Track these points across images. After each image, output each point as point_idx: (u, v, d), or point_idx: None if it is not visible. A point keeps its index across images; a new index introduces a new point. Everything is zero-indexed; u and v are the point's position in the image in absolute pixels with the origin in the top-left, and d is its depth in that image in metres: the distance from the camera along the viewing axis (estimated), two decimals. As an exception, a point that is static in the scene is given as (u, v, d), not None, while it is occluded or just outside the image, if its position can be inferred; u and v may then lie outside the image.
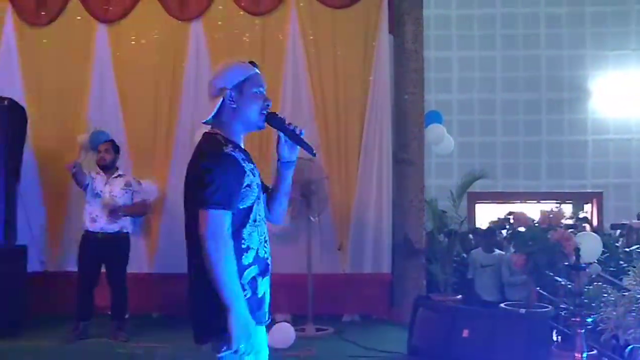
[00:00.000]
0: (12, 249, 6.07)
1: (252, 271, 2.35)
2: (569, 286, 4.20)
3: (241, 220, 2.33)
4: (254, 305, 2.35)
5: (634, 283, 2.80)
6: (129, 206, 5.81)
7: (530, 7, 9.87)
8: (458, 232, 7.02)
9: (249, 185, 2.35)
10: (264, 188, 2.56)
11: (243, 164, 2.34)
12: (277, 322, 5.96)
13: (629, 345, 2.74)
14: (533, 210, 6.65)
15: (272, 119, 2.41)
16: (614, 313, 2.91)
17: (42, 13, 6.97)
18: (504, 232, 7.83)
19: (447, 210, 7.12)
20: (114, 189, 5.73)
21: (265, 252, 2.46)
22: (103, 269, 5.78)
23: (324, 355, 5.32)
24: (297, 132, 2.42)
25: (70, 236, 6.58)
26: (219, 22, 6.94)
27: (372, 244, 6.71)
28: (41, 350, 5.45)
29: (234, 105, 2.38)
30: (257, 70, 2.46)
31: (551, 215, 5.42)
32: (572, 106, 9.78)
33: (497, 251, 7.06)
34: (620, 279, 4.92)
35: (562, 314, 4.18)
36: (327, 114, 6.81)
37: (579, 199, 10.28)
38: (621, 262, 6.29)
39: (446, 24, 9.81)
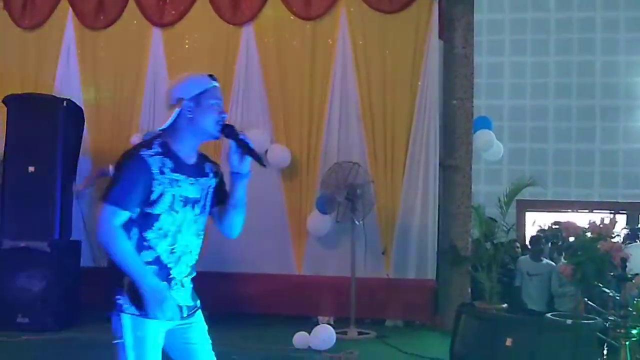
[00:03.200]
0: (66, 244, 6.31)
1: (151, 269, 2.42)
2: (617, 297, 4.11)
3: (144, 223, 2.41)
4: (140, 298, 2.39)
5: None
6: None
7: (585, 11, 9.67)
8: (505, 241, 6.92)
9: (161, 194, 2.40)
10: (217, 201, 2.60)
11: (155, 171, 2.39)
12: (319, 324, 6.03)
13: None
14: (585, 220, 6.51)
15: (226, 130, 2.48)
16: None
17: (101, 17, 7.24)
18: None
19: (495, 218, 7.04)
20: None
21: (171, 263, 2.47)
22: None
23: (365, 358, 5.34)
24: (248, 143, 2.48)
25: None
26: (270, 27, 7.05)
27: (416, 249, 6.70)
28: (94, 344, 5.63)
29: (190, 116, 2.45)
30: (216, 84, 2.54)
31: (601, 225, 5.28)
32: (627, 113, 9.54)
33: (545, 260, 6.94)
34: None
35: (607, 325, 4.10)
36: (375, 118, 6.83)
37: (633, 210, 10.00)
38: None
39: (499, 28, 9.70)
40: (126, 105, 7.20)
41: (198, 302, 2.62)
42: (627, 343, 3.31)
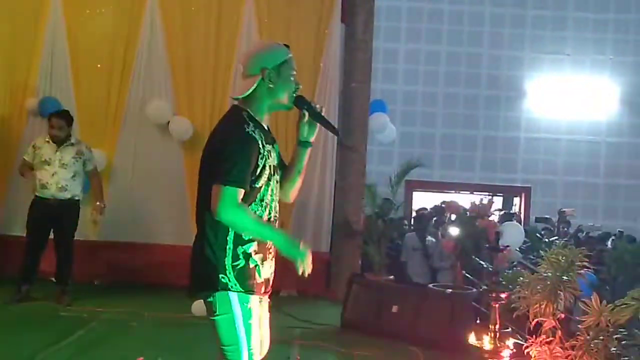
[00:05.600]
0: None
1: (249, 246, 2.49)
2: (490, 269, 4.62)
3: (249, 197, 2.46)
4: (247, 275, 2.50)
5: (546, 267, 3.19)
6: (99, 193, 5.97)
7: (476, 5, 10.32)
8: (394, 218, 7.39)
9: (263, 167, 2.47)
10: (282, 166, 2.68)
11: (260, 146, 2.45)
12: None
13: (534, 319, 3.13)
14: (466, 201, 7.10)
15: (300, 101, 2.54)
16: (526, 292, 3.29)
17: (-5, -27, 6.90)
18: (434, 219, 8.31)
19: (387, 196, 7.49)
20: (64, 157, 5.76)
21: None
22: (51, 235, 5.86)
23: (261, 326, 5.56)
24: (323, 114, 2.56)
25: (15, 200, 6.61)
26: (176, -2, 7.02)
27: (313, 223, 7.01)
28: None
29: (271, 85, 2.47)
30: (292, 54, 2.56)
31: (480, 205, 5.83)
32: (508, 104, 10.32)
33: (429, 237, 7.48)
34: (538, 266, 5.39)
35: (481, 293, 4.61)
36: (277, 95, 7.01)
37: (509, 192, 10.89)
38: (542, 252, 6.81)
39: (396, 15, 10.14)
40: (21, 67, 6.93)
41: None
42: (496, 306, 3.77)
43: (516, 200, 10.87)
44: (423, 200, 10.16)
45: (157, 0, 6.99)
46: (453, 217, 6.35)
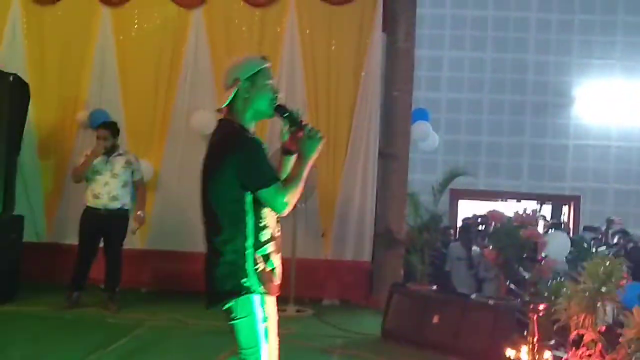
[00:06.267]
0: (9, 219, 6.31)
1: (267, 248, 2.58)
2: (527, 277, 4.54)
3: (259, 203, 2.55)
4: (267, 277, 2.56)
5: (585, 278, 3.11)
6: (142, 203, 6.11)
7: (521, 11, 10.17)
8: (438, 227, 7.32)
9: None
10: None
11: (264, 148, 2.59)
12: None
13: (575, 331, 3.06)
14: (513, 209, 6.98)
15: (279, 109, 2.63)
16: (567, 304, 3.22)
17: (48, -8, 7.18)
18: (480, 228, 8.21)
19: (428, 205, 7.42)
20: (115, 167, 5.96)
21: (278, 231, 2.67)
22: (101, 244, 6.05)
23: (302, 335, 5.61)
24: (301, 120, 2.64)
25: (67, 210, 6.85)
26: (220, 12, 7.17)
27: (354, 232, 7.03)
28: (35, 317, 5.73)
29: (247, 95, 2.60)
30: (268, 64, 2.68)
31: (524, 215, 5.73)
32: (555, 111, 10.11)
33: (474, 246, 7.39)
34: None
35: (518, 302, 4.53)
36: (319, 105, 7.09)
37: (557, 201, 10.65)
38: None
39: (440, 23, 10.08)
40: (72, 82, 7.20)
41: None
42: (534, 317, 3.71)
43: (565, 208, 10.63)
44: (469, 209, 10.04)
45: (202, 15, 7.17)
46: (495, 226, 6.25)
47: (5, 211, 6.24)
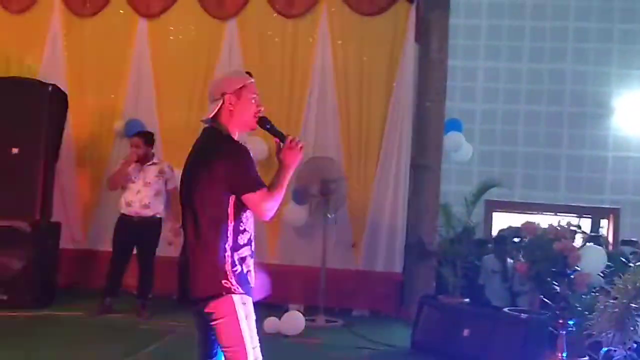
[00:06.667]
0: (47, 225, 6.48)
1: (245, 251, 2.68)
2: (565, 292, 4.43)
3: (240, 207, 2.66)
4: (244, 279, 2.66)
5: (616, 293, 3.03)
6: (177, 214, 6.11)
7: (559, 20, 9.99)
8: (471, 239, 7.22)
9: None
10: None
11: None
12: (289, 311, 6.28)
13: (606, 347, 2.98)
14: (550, 222, 6.83)
15: (262, 121, 2.76)
16: (599, 319, 3.14)
17: (87, 4, 7.37)
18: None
19: (461, 217, 7.33)
20: (147, 176, 6.06)
21: (253, 242, 2.77)
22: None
23: (330, 345, 5.60)
24: (282, 132, 2.77)
25: (103, 217, 6.99)
26: (253, 23, 7.26)
27: (385, 243, 7.00)
28: (70, 321, 5.86)
29: (232, 109, 2.71)
30: (252, 80, 2.80)
31: (559, 227, 5.60)
32: (594, 122, 9.89)
33: (509, 259, 7.26)
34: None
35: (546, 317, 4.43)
36: (350, 116, 7.09)
37: (596, 214, 10.39)
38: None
39: (475, 34, 9.98)
40: (110, 92, 7.36)
41: None
42: (563, 332, 3.63)
43: (604, 222, 10.36)
44: (505, 221, 9.88)
45: (236, 26, 7.26)
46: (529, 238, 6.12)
47: (43, 218, 6.41)
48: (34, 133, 6.31)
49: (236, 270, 2.61)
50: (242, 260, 2.65)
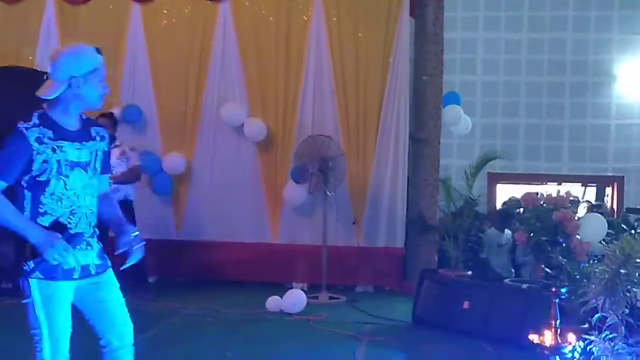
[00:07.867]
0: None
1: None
2: (563, 262, 4.44)
3: (37, 189, 2.59)
4: (46, 263, 2.56)
5: (610, 254, 3.02)
6: (127, 176, 6.11)
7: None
8: (471, 212, 7.22)
9: (44, 161, 2.59)
10: (97, 164, 2.79)
11: (32, 142, 2.57)
12: (292, 289, 6.34)
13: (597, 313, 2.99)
14: (554, 192, 6.81)
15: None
16: (592, 286, 3.15)
17: (81, -9, 7.34)
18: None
19: (463, 190, 7.32)
20: (111, 158, 6.03)
21: (71, 223, 2.64)
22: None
23: (333, 321, 5.65)
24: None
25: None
26: (247, 3, 7.20)
27: (386, 219, 7.01)
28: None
29: (78, 92, 2.64)
30: (101, 59, 2.76)
31: (557, 197, 5.60)
32: (596, 90, 9.80)
33: (508, 231, 7.26)
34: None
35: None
36: (347, 92, 7.06)
37: (600, 183, 10.35)
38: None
39: (474, 4, 9.87)
40: (105, 78, 7.33)
41: (108, 261, 2.81)
42: (556, 301, 3.64)
43: (608, 190, 10.31)
44: (509, 193, 9.85)
45: (229, 6, 7.20)
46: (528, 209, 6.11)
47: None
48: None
49: (35, 252, 2.53)
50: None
